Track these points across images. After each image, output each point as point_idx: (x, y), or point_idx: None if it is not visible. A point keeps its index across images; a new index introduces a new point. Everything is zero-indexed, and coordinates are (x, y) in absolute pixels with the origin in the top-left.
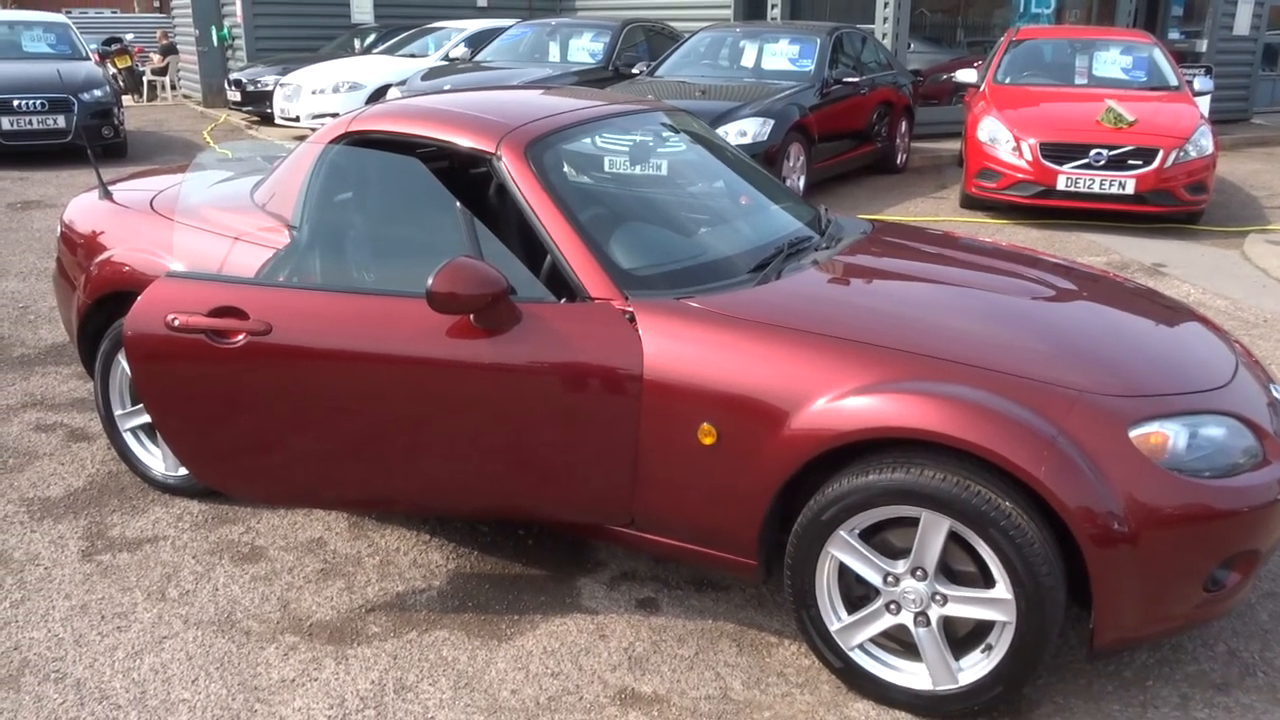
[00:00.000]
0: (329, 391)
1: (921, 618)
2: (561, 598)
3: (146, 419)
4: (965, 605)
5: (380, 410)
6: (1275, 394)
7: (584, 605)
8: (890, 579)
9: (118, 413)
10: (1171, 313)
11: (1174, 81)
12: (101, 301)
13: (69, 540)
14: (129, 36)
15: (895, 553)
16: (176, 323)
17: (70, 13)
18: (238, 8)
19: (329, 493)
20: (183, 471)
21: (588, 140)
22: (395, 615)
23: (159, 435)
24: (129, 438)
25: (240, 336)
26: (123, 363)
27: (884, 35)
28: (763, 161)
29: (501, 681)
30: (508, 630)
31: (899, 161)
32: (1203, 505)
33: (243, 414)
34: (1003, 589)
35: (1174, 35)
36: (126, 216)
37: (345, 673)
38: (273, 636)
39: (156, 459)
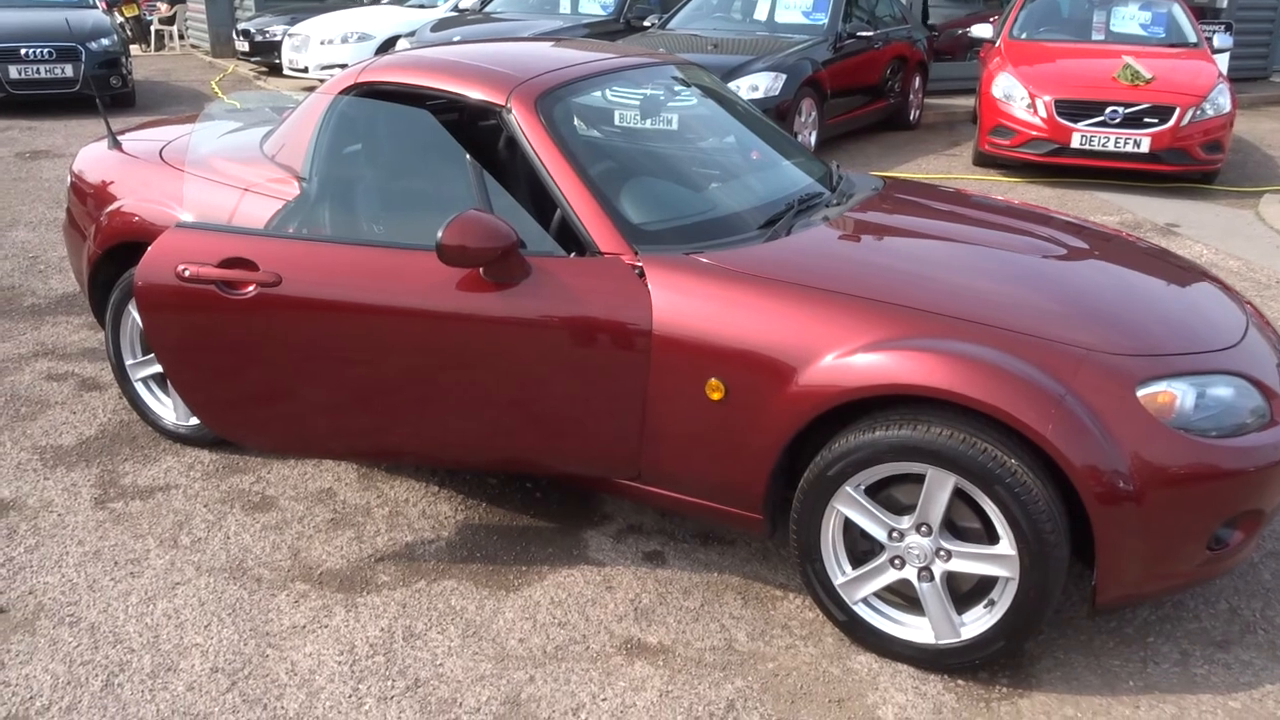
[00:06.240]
0: (338, 343)
1: (925, 573)
2: (569, 549)
3: (157, 369)
4: (969, 561)
5: (389, 362)
6: None
7: (591, 557)
8: (895, 534)
9: (129, 362)
10: (1183, 273)
11: (1193, 38)
12: (112, 251)
13: (82, 488)
14: None
15: (900, 508)
16: (187, 273)
17: None
18: None
19: (338, 443)
20: (194, 421)
21: (598, 93)
22: (404, 565)
23: (170, 385)
24: (140, 387)
25: (250, 287)
26: (133, 313)
27: None
28: (774, 116)
29: (509, 631)
30: (515, 581)
31: (912, 118)
32: (1209, 465)
33: (253, 364)
34: (1007, 545)
35: None
36: (136, 166)
37: (355, 620)
38: (284, 584)
39: (167, 408)
